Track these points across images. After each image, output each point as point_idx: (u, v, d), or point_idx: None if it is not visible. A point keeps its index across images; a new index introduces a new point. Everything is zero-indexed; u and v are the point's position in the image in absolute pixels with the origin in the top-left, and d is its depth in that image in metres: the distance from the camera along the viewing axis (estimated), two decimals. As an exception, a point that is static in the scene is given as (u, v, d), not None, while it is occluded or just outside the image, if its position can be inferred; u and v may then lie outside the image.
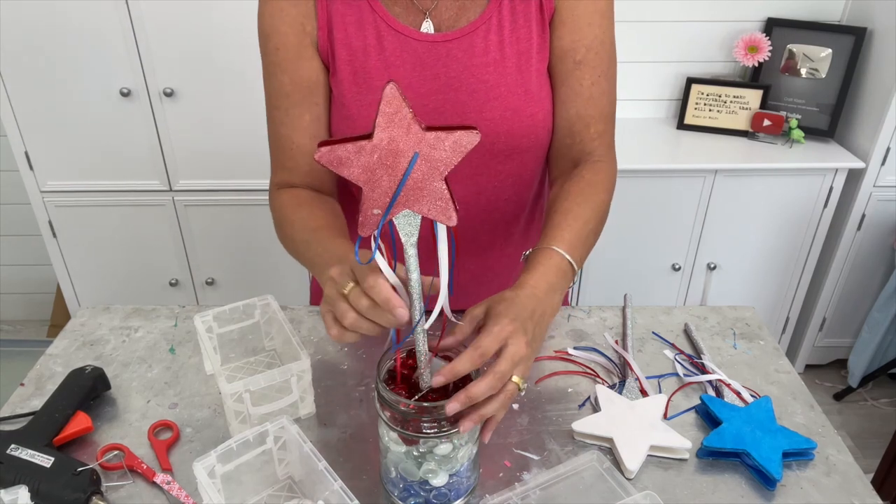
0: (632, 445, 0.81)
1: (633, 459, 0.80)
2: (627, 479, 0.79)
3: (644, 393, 0.91)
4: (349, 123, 0.91)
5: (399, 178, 0.60)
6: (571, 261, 0.82)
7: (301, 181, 0.95)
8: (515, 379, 0.69)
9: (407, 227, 0.63)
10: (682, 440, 0.83)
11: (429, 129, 0.58)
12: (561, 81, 0.93)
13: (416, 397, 0.70)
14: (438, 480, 0.72)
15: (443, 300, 0.67)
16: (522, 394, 0.71)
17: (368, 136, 0.58)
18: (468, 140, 0.59)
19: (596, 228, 0.90)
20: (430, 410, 0.67)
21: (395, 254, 0.65)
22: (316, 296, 1.18)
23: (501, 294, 0.75)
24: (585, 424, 0.84)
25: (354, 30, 0.89)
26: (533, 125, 0.92)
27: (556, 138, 0.96)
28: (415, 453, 0.71)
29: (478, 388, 0.66)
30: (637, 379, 0.93)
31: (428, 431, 0.68)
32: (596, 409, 0.89)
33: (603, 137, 0.96)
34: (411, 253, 0.64)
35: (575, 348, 1.00)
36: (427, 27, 0.89)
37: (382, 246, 0.64)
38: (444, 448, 0.70)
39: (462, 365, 0.67)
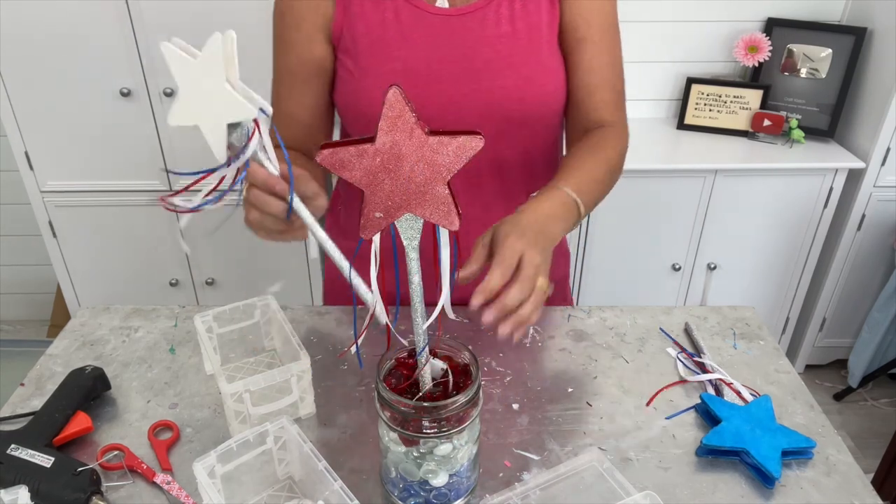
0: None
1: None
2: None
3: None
4: (368, 93, 0.94)
5: (401, 181, 0.60)
6: (576, 198, 0.84)
7: (294, 147, 0.99)
8: (540, 282, 0.72)
9: (409, 231, 0.64)
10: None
11: (432, 133, 0.58)
12: (565, 54, 0.98)
13: (417, 397, 0.70)
14: (438, 480, 0.72)
15: (444, 301, 0.67)
16: (549, 293, 0.74)
17: (371, 140, 0.59)
18: (471, 145, 0.59)
19: (604, 179, 0.93)
20: (430, 410, 0.67)
21: (396, 255, 0.66)
22: (329, 295, 1.19)
23: (503, 219, 0.78)
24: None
25: (371, 6, 0.93)
26: (544, 94, 0.96)
27: (569, 110, 1.01)
28: (415, 454, 0.71)
29: (511, 296, 0.69)
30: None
31: (428, 431, 0.68)
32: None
33: (609, 106, 0.99)
34: (413, 256, 0.65)
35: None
36: (442, 2, 0.93)
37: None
38: (444, 448, 0.70)
39: (495, 279, 0.69)
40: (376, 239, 0.65)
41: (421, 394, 0.70)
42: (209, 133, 0.66)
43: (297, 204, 0.69)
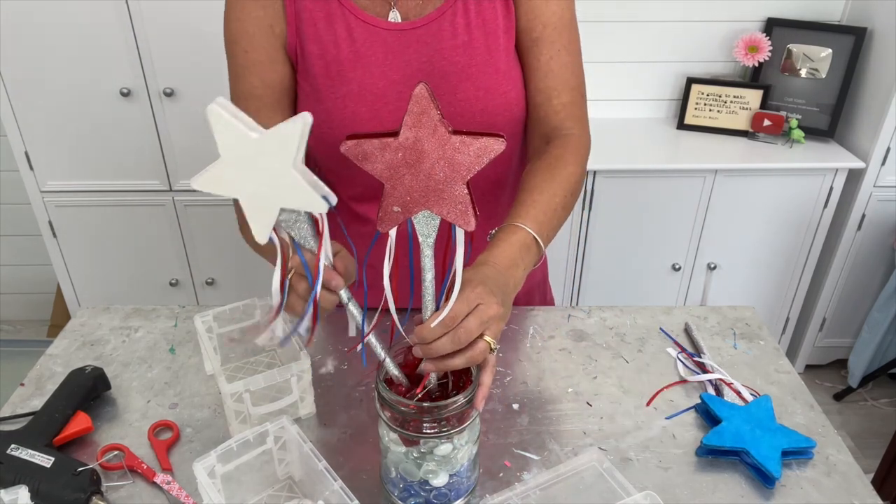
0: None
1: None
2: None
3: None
4: (327, 116, 0.92)
5: (421, 178, 0.60)
6: (536, 235, 0.81)
7: None
8: (487, 338, 0.68)
9: (425, 228, 0.64)
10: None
11: (455, 132, 0.58)
12: (522, 61, 0.95)
13: (417, 397, 0.70)
14: (439, 481, 0.72)
15: (454, 300, 0.67)
16: (495, 353, 0.70)
17: (395, 134, 0.59)
18: (493, 147, 0.59)
19: (565, 202, 0.89)
20: (430, 410, 0.67)
21: (412, 251, 0.66)
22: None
23: (465, 270, 0.72)
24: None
25: (324, 25, 0.90)
26: (507, 102, 0.93)
27: (528, 116, 0.97)
28: (415, 454, 0.71)
29: (440, 344, 0.66)
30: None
31: (428, 432, 0.68)
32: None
33: (568, 109, 0.95)
34: (427, 253, 0.65)
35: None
36: (394, 16, 0.91)
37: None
38: (444, 448, 0.70)
39: (430, 331, 0.66)
40: (392, 233, 0.65)
41: (420, 394, 0.70)
42: (254, 210, 0.62)
43: (345, 296, 0.68)
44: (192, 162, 2.06)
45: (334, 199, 0.61)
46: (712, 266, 2.24)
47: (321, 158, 0.97)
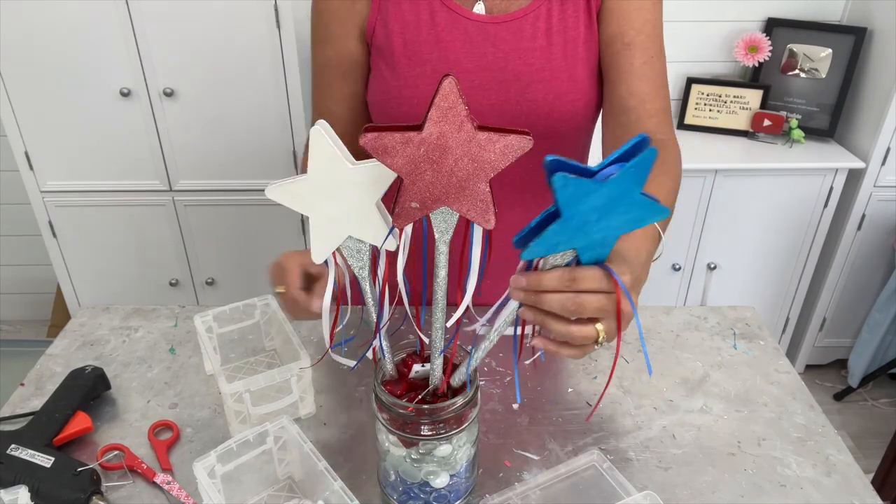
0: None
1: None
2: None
3: None
4: (397, 94, 0.93)
5: (443, 174, 0.58)
6: (659, 228, 0.79)
7: None
8: (599, 326, 0.61)
9: (442, 225, 0.62)
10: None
11: (481, 129, 0.57)
12: (611, 64, 0.93)
13: (417, 399, 0.70)
14: (440, 482, 0.72)
15: (467, 301, 0.66)
16: (598, 347, 0.62)
17: (418, 128, 0.57)
18: (519, 145, 0.57)
19: (674, 201, 0.88)
20: (429, 413, 0.67)
21: (426, 246, 0.66)
22: None
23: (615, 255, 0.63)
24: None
25: (408, 5, 0.93)
26: (574, 111, 0.93)
27: (612, 119, 0.95)
28: (414, 455, 0.71)
29: (548, 278, 0.58)
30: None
31: (427, 433, 0.68)
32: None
33: (660, 116, 0.93)
34: (443, 250, 0.64)
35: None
36: (479, 8, 0.93)
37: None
38: (443, 449, 0.70)
39: (549, 279, 0.58)
40: (408, 229, 0.64)
41: (422, 395, 0.70)
42: (322, 231, 0.65)
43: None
44: (192, 162, 2.06)
45: (398, 240, 0.63)
46: (712, 266, 2.24)
47: None
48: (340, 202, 0.63)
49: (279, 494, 0.79)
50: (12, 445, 0.78)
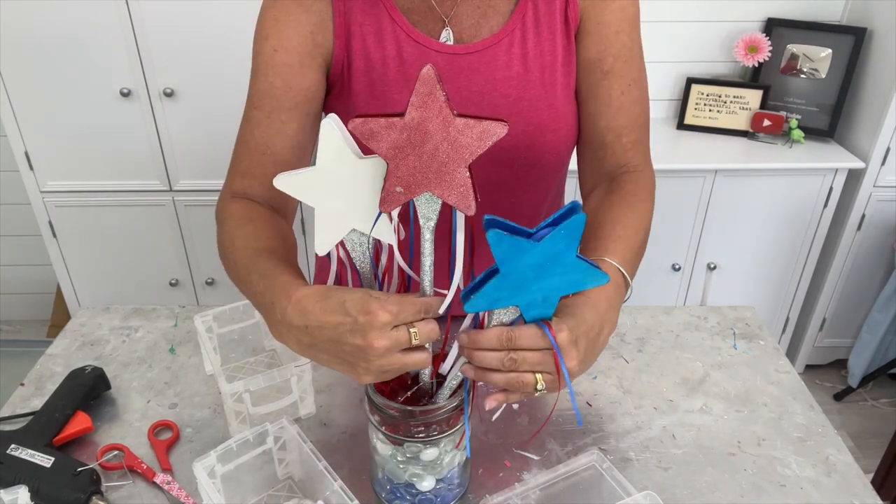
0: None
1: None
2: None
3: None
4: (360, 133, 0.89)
5: (424, 158, 0.61)
6: (626, 274, 0.77)
7: (262, 195, 0.86)
8: (539, 376, 0.63)
9: (426, 211, 0.64)
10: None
11: (460, 115, 0.59)
12: (589, 93, 0.90)
13: (403, 398, 0.70)
14: (425, 485, 0.72)
15: (455, 287, 0.66)
16: (537, 394, 0.65)
17: (401, 115, 0.60)
18: (495, 131, 0.59)
19: (644, 240, 0.86)
20: (414, 414, 0.67)
21: (413, 234, 0.67)
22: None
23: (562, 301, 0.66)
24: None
25: (373, 40, 0.85)
26: (556, 141, 0.89)
27: (588, 150, 0.93)
28: (399, 457, 0.71)
29: (486, 337, 0.62)
30: None
31: (416, 435, 0.68)
32: None
33: (637, 146, 0.92)
34: (428, 237, 0.65)
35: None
36: (446, 36, 0.86)
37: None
38: (430, 453, 0.70)
39: (486, 338, 0.62)
40: (394, 214, 0.65)
41: (409, 393, 0.70)
42: (326, 223, 0.65)
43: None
44: (192, 162, 2.06)
45: (402, 235, 0.64)
46: (712, 266, 2.24)
47: None
48: (346, 195, 0.64)
49: (279, 494, 0.79)
50: (12, 445, 0.78)
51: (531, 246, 0.56)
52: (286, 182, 0.64)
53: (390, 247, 0.67)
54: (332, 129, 0.61)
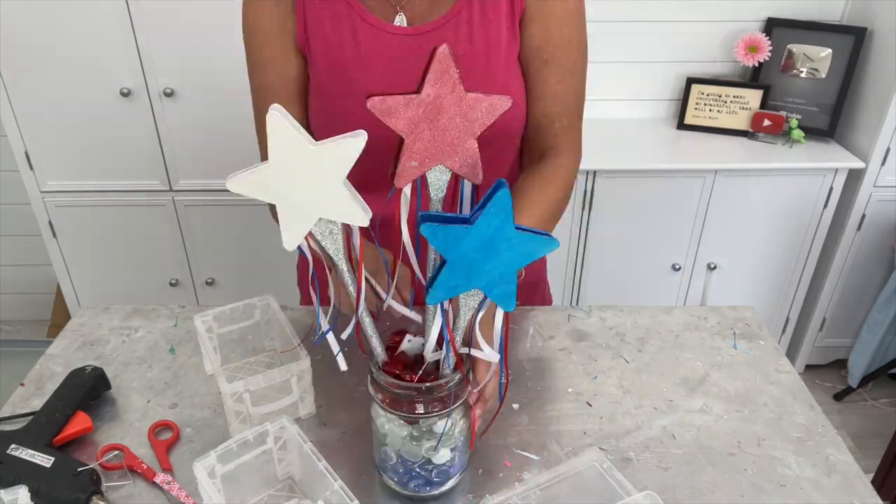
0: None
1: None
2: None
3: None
4: (328, 112, 0.93)
5: (438, 132, 0.64)
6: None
7: None
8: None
9: (437, 182, 0.68)
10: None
11: (469, 91, 0.63)
12: (530, 79, 0.96)
13: (414, 375, 0.71)
14: (441, 456, 0.73)
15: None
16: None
17: (417, 91, 0.63)
18: (501, 104, 0.64)
19: (560, 205, 0.95)
20: (428, 391, 0.69)
21: (419, 206, 0.70)
22: (305, 296, 1.16)
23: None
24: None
25: (330, 24, 0.91)
26: (504, 118, 0.92)
27: (526, 132, 1.00)
28: (415, 433, 0.72)
29: (492, 392, 0.76)
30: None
31: (428, 411, 0.70)
32: None
33: (567, 132, 0.98)
34: (437, 208, 0.69)
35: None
36: (400, 20, 0.91)
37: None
38: (442, 425, 0.72)
39: (493, 393, 0.77)
40: (406, 190, 0.68)
41: (420, 371, 0.71)
42: (291, 217, 0.63)
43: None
44: (191, 162, 2.06)
45: (370, 213, 0.64)
46: (712, 266, 2.24)
47: None
48: (306, 185, 0.61)
49: (279, 494, 0.79)
50: (12, 445, 0.78)
51: (466, 231, 0.58)
52: (239, 183, 0.61)
53: (361, 229, 0.66)
54: (280, 120, 0.58)
